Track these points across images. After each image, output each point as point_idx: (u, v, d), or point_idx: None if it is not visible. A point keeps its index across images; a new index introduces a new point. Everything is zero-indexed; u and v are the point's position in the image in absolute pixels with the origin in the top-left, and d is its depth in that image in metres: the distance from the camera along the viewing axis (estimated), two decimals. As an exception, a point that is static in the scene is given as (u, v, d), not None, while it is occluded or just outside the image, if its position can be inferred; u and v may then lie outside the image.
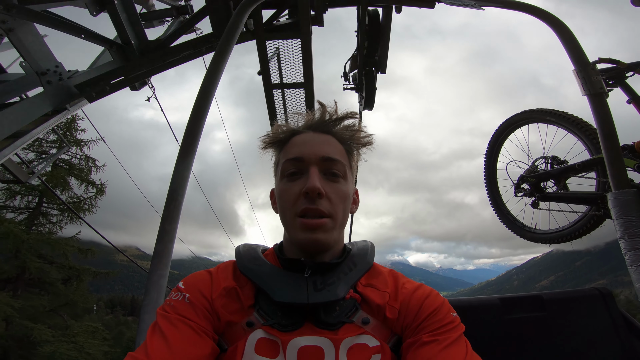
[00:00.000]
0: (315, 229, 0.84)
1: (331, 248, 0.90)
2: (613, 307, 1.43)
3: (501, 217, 2.94)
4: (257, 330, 0.80)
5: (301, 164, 0.91)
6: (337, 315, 0.83)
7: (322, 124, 0.98)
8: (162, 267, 1.34)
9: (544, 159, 2.56)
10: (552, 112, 2.39)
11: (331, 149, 0.93)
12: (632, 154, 1.93)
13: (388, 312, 0.86)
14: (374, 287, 0.90)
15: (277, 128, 1.01)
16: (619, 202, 1.61)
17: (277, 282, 0.85)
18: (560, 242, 2.57)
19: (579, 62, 1.42)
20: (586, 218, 2.36)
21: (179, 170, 1.39)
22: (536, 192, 2.57)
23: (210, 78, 1.30)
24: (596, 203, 2.23)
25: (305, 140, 0.95)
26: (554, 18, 1.40)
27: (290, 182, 0.91)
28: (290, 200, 0.88)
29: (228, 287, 0.86)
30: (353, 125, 1.00)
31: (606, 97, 1.46)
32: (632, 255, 1.53)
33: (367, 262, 0.94)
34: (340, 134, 0.98)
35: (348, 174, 0.95)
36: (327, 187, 0.88)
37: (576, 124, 2.23)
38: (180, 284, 0.87)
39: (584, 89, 1.44)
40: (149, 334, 0.76)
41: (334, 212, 0.87)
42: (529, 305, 1.43)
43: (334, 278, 0.86)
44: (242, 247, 0.98)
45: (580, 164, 2.26)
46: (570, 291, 1.53)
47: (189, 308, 0.80)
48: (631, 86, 1.98)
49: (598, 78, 1.41)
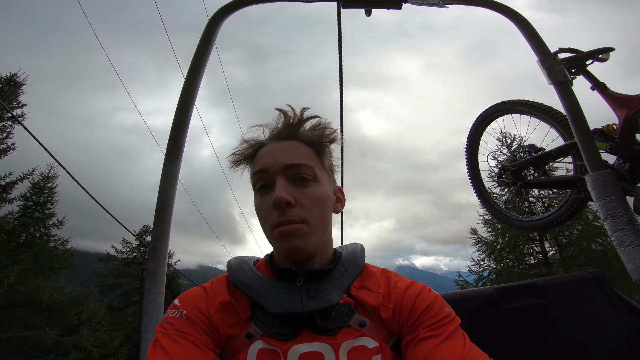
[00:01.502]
0: (290, 236, 0.84)
1: (314, 253, 0.90)
2: (609, 290, 1.43)
3: (488, 208, 2.99)
4: (257, 341, 0.80)
5: (267, 175, 0.90)
6: (334, 320, 0.83)
7: (285, 131, 0.97)
8: (158, 285, 1.33)
9: (522, 148, 2.64)
10: (524, 102, 2.47)
11: (294, 154, 0.92)
12: (602, 137, 2.01)
13: (383, 312, 0.86)
14: (367, 288, 0.91)
15: (243, 143, 1.00)
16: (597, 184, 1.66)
17: (270, 293, 0.85)
18: (548, 228, 2.63)
19: (540, 52, 1.49)
20: (569, 202, 2.43)
21: (164, 188, 1.38)
22: (518, 180, 2.63)
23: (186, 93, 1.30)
24: (576, 186, 2.30)
25: (269, 151, 0.94)
26: (514, 12, 1.46)
27: (262, 196, 0.91)
28: (265, 214, 0.89)
29: (224, 301, 0.86)
30: (318, 124, 1.00)
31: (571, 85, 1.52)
32: (618, 237, 1.56)
33: (358, 265, 0.94)
34: (306, 136, 0.97)
35: (319, 175, 0.94)
36: (298, 193, 0.88)
37: (547, 112, 2.31)
38: (176, 301, 0.86)
39: (549, 78, 1.51)
40: (150, 351, 0.76)
41: (309, 217, 0.87)
42: (525, 293, 1.44)
43: (327, 284, 0.87)
44: (233, 261, 0.98)
45: (556, 149, 2.33)
46: (564, 276, 1.56)
47: (187, 324, 0.80)
48: (592, 73, 2.07)
49: (560, 67, 1.48)
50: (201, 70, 1.32)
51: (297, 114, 0.99)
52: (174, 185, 1.40)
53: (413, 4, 1.23)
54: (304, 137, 0.97)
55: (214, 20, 1.32)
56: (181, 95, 1.32)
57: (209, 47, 1.33)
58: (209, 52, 1.34)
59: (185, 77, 1.32)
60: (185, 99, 1.34)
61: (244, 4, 1.36)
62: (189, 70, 1.32)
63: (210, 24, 1.32)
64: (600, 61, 2.09)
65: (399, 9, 1.24)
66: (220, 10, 1.33)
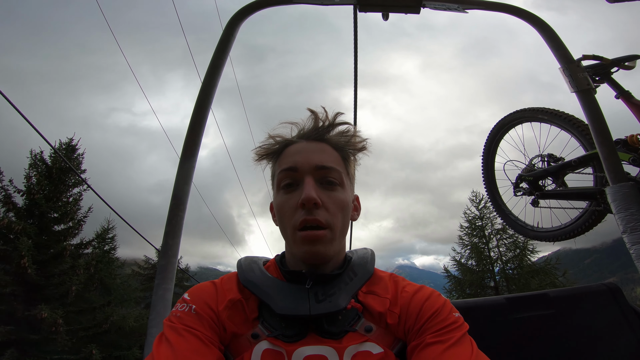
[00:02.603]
0: (314, 242, 0.85)
1: (332, 259, 0.90)
2: (623, 302, 1.40)
3: (503, 217, 2.93)
4: (263, 341, 0.81)
5: (296, 174, 0.90)
6: (340, 324, 0.84)
7: (315, 132, 0.97)
8: (167, 281, 1.35)
9: (540, 157, 2.58)
10: (544, 110, 2.41)
11: (325, 157, 0.93)
12: (626, 147, 1.94)
13: (389, 318, 0.86)
14: (375, 293, 0.91)
15: (270, 139, 1.00)
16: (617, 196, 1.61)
17: (278, 294, 0.86)
18: (563, 239, 2.56)
19: (563, 59, 1.44)
20: (587, 214, 2.36)
21: (179, 185, 1.40)
22: (535, 190, 2.57)
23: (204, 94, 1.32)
24: (595, 198, 2.23)
25: (299, 149, 0.94)
26: (536, 18, 1.42)
27: (286, 194, 0.91)
28: (288, 213, 0.89)
29: (234, 299, 0.87)
30: (347, 130, 1.00)
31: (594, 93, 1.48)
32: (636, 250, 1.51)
33: (368, 270, 0.94)
34: (334, 140, 0.97)
35: (345, 181, 0.94)
36: (324, 196, 0.88)
37: (568, 120, 2.25)
38: (186, 295, 0.88)
39: (571, 86, 1.46)
40: (155, 344, 0.77)
41: (333, 222, 0.87)
42: (536, 303, 1.41)
43: (335, 289, 0.87)
44: (243, 260, 0.98)
45: (577, 160, 2.27)
46: (577, 288, 1.51)
47: (195, 319, 0.81)
48: (617, 81, 2.01)
49: (584, 75, 1.43)
50: (219, 70, 1.34)
51: (329, 116, 0.99)
52: (189, 182, 1.42)
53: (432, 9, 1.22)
54: (332, 141, 0.97)
55: (233, 21, 1.34)
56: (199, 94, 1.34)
57: (228, 48, 1.35)
58: (228, 52, 1.36)
59: (204, 77, 1.34)
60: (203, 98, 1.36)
61: (263, 5, 1.37)
62: (207, 70, 1.34)
63: (230, 24, 1.34)
64: (626, 69, 2.02)
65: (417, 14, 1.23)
66: (239, 12, 1.34)
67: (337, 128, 0.99)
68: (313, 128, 0.98)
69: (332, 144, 0.97)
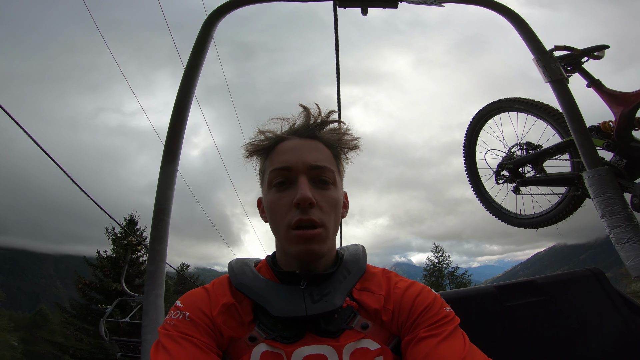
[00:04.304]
0: (309, 240, 0.84)
1: (325, 256, 0.90)
2: (608, 286, 1.43)
3: (487, 206, 2.99)
4: (260, 344, 0.81)
5: (289, 173, 0.89)
6: (337, 322, 0.84)
7: (308, 129, 0.95)
8: (157, 287, 1.32)
9: (519, 145, 2.64)
10: (521, 100, 2.47)
11: (319, 155, 0.91)
12: (599, 134, 2.01)
13: (384, 315, 0.87)
14: (369, 290, 0.91)
15: (260, 134, 0.98)
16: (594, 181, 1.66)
17: (273, 296, 0.85)
18: (546, 225, 2.63)
19: (537, 51, 1.48)
20: (567, 199, 2.44)
21: (162, 190, 1.37)
22: (516, 177, 2.64)
23: (183, 93, 1.29)
24: (574, 183, 2.30)
25: (292, 147, 0.92)
26: (509, 10, 1.45)
27: (279, 192, 0.89)
28: (282, 212, 0.87)
29: (227, 303, 0.86)
30: (339, 128, 0.99)
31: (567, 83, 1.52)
32: (616, 234, 1.57)
33: (360, 267, 0.94)
34: (326, 138, 0.96)
35: (337, 179, 0.94)
36: (317, 195, 0.87)
37: (543, 109, 2.32)
38: (179, 303, 0.86)
39: (545, 76, 1.50)
40: (152, 353, 0.76)
41: (326, 221, 0.87)
42: (525, 290, 1.44)
43: (330, 288, 0.87)
44: (234, 263, 0.97)
45: (554, 147, 2.34)
46: (563, 274, 1.56)
47: (190, 326, 0.80)
48: (588, 71, 2.07)
49: (556, 65, 1.47)
50: (197, 70, 1.31)
51: (321, 113, 0.97)
52: (171, 187, 1.39)
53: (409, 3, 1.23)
54: (324, 139, 0.96)
55: (210, 21, 1.30)
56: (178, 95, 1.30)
57: (205, 48, 1.32)
58: (205, 52, 1.33)
59: (181, 78, 1.31)
60: (182, 99, 1.32)
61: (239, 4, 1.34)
62: (185, 71, 1.30)
63: (206, 24, 1.30)
64: (595, 59, 2.08)
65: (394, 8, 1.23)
66: (215, 11, 1.31)
67: (329, 125, 0.98)
68: (305, 124, 0.96)
69: (324, 141, 0.96)
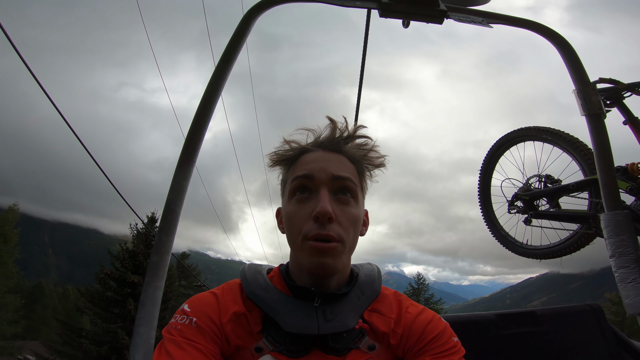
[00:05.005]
0: (324, 253, 0.82)
1: (339, 272, 0.88)
2: (603, 322, 1.48)
3: (493, 232, 2.96)
4: (266, 355, 0.79)
5: (311, 182, 0.88)
6: (345, 341, 0.83)
7: (333, 142, 0.94)
8: (158, 279, 1.26)
9: (538, 177, 2.60)
10: (549, 130, 2.43)
11: (342, 167, 0.90)
12: (625, 175, 1.96)
13: (392, 339, 0.86)
14: (380, 312, 0.90)
15: (285, 144, 0.98)
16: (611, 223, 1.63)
17: (286, 311, 0.84)
18: (550, 258, 2.61)
19: (580, 81, 1.43)
20: (577, 236, 2.40)
21: (177, 180, 1.33)
22: (529, 209, 2.60)
23: (213, 87, 1.27)
24: (587, 222, 2.26)
25: (315, 158, 0.92)
26: (558, 36, 1.41)
27: (299, 203, 0.88)
28: (299, 223, 0.86)
29: (238, 312, 0.84)
30: (365, 143, 0.98)
31: (604, 118, 1.47)
32: (621, 273, 1.55)
33: (375, 289, 0.93)
34: (351, 153, 0.95)
35: (359, 195, 0.92)
36: (338, 210, 0.86)
37: (572, 143, 2.27)
38: (186, 307, 0.85)
39: (582, 109, 1.45)
40: (155, 357, 0.75)
41: (345, 236, 0.85)
42: (523, 320, 1.47)
43: (343, 307, 0.86)
44: (247, 270, 0.95)
45: (575, 184, 2.29)
46: (563, 307, 1.58)
47: (196, 332, 0.79)
48: (628, 107, 1.99)
49: (597, 98, 1.42)
50: (230, 65, 1.29)
51: (348, 127, 0.96)
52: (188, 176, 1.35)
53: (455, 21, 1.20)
54: (349, 153, 0.95)
55: (249, 15, 1.29)
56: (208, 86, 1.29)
57: (241, 43, 1.30)
58: (240, 47, 1.31)
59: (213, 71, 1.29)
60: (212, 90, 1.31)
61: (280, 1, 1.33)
62: (217, 64, 1.28)
63: (245, 19, 1.28)
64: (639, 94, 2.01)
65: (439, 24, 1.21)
66: (256, 6, 1.30)
67: (356, 140, 0.97)
68: (330, 137, 0.95)
69: (348, 156, 0.94)
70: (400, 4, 1.23)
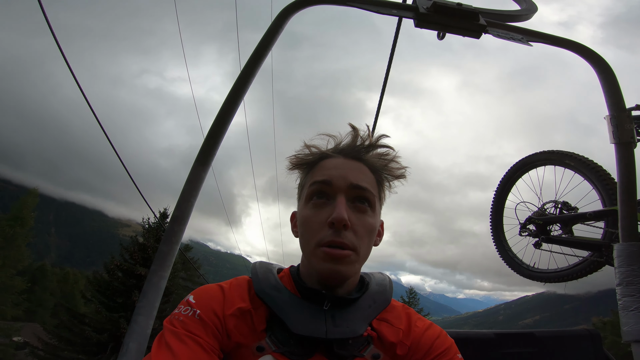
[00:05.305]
0: (337, 261, 0.82)
1: (349, 280, 0.88)
2: (598, 348, 1.51)
3: (501, 252, 2.94)
4: (267, 356, 0.79)
5: (329, 189, 0.88)
6: (350, 348, 0.82)
7: (353, 150, 0.94)
8: (164, 269, 1.25)
9: (554, 203, 2.57)
10: (573, 156, 2.38)
11: (361, 176, 0.90)
12: None
13: (399, 349, 0.86)
14: (388, 322, 0.90)
15: (305, 148, 0.98)
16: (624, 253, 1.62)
17: (295, 312, 0.83)
18: (555, 282, 2.59)
19: (616, 107, 1.38)
20: (586, 263, 2.37)
21: (196, 171, 1.33)
22: (541, 233, 2.57)
23: (241, 82, 1.27)
24: (599, 250, 2.23)
25: (335, 165, 0.91)
26: (600, 59, 1.37)
27: (315, 208, 0.88)
28: (314, 229, 0.86)
29: (243, 308, 0.84)
30: (387, 153, 0.97)
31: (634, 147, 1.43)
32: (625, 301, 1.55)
33: (386, 299, 0.93)
34: (372, 162, 0.94)
35: (376, 205, 0.92)
36: (354, 218, 0.86)
37: (595, 172, 2.23)
38: (191, 298, 0.84)
39: (613, 136, 1.41)
40: (155, 348, 0.75)
41: (359, 245, 0.85)
42: (522, 341, 1.50)
43: (353, 314, 0.85)
44: (259, 267, 0.95)
45: (592, 213, 2.26)
46: (562, 330, 1.60)
47: (198, 325, 0.78)
48: None
49: (630, 126, 1.37)
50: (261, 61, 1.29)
51: (370, 136, 0.96)
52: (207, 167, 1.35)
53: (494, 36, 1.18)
54: (369, 162, 0.95)
55: (285, 13, 1.28)
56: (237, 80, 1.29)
57: (273, 40, 1.30)
58: (272, 44, 1.31)
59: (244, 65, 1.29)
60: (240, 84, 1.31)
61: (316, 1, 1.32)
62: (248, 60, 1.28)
63: (280, 16, 1.28)
64: None
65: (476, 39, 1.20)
66: (292, 4, 1.30)
67: (377, 149, 0.97)
68: (351, 145, 0.95)
69: (369, 165, 0.94)
70: (438, 15, 1.21)
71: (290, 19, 1.29)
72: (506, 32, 1.24)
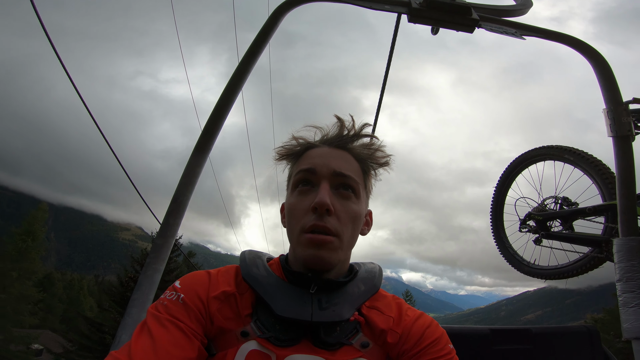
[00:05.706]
0: (320, 246, 0.82)
1: (335, 267, 0.88)
2: (597, 345, 1.50)
3: (501, 249, 2.93)
4: (251, 341, 0.78)
5: (313, 176, 0.89)
6: (337, 335, 0.81)
7: (339, 139, 0.96)
8: (159, 262, 1.27)
9: (554, 198, 2.55)
10: (572, 150, 2.37)
11: (345, 165, 0.91)
12: None
13: (389, 337, 0.85)
14: (378, 309, 0.90)
15: (292, 140, 0.99)
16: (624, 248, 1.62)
17: (280, 295, 0.83)
18: (556, 279, 2.57)
19: (612, 101, 1.38)
20: (587, 259, 2.36)
21: (192, 165, 1.35)
22: (541, 229, 2.56)
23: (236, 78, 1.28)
24: (600, 246, 2.22)
25: (320, 153, 0.93)
26: (596, 53, 1.37)
27: (300, 196, 0.89)
28: (299, 215, 0.87)
29: (227, 292, 0.84)
30: (372, 143, 0.99)
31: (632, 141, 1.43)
32: (625, 297, 1.57)
33: (375, 285, 0.93)
34: (356, 151, 0.96)
35: (361, 193, 0.93)
36: (338, 204, 0.86)
37: (595, 166, 2.22)
38: (177, 283, 0.85)
39: (610, 129, 1.40)
40: (135, 334, 0.74)
41: (342, 231, 0.85)
42: (518, 337, 1.49)
43: (340, 298, 0.85)
44: (247, 254, 0.95)
45: (592, 208, 2.25)
46: (560, 327, 1.60)
47: (181, 309, 0.78)
48: None
49: (628, 119, 1.37)
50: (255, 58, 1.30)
51: (355, 126, 0.98)
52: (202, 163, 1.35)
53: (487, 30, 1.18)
54: (354, 152, 0.96)
55: (278, 11, 1.29)
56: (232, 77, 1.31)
57: (267, 38, 1.30)
58: (267, 42, 1.31)
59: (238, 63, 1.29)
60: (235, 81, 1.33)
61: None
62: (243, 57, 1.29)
63: (274, 15, 1.29)
64: None
65: (470, 33, 1.19)
66: (285, 3, 1.30)
67: (362, 139, 0.98)
68: (337, 135, 0.97)
69: (354, 154, 0.96)
70: (431, 10, 1.21)
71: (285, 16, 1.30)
72: (499, 27, 1.24)
